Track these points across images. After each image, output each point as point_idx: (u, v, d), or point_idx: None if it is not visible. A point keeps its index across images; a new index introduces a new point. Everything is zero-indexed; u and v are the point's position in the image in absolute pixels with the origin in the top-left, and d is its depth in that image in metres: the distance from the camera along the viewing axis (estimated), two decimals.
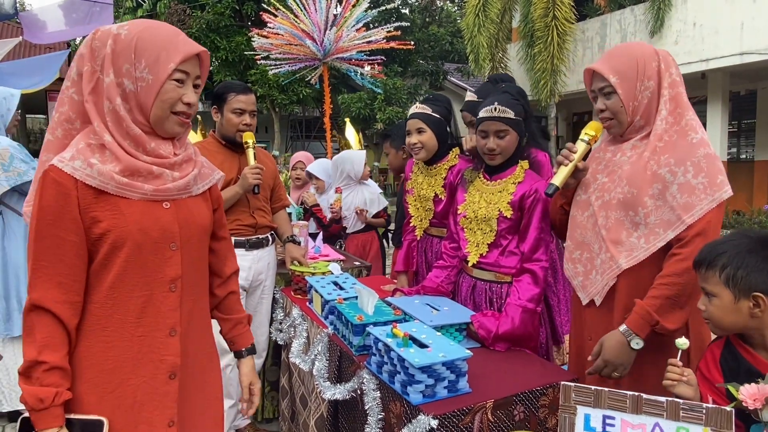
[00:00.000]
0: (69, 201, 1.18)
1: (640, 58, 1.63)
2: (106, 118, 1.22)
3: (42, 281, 1.17)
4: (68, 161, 1.18)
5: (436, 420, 1.46)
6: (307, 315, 2.37)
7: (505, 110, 1.95)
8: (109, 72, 1.21)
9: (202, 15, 13.72)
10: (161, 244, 1.26)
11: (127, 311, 1.24)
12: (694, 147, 1.55)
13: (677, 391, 1.29)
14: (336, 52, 5.48)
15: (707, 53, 9.80)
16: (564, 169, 1.72)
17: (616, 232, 1.65)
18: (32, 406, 1.14)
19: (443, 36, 16.62)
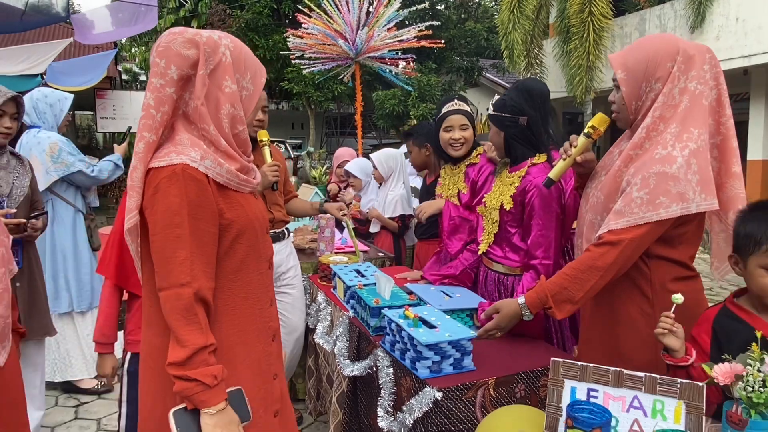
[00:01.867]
0: (208, 196, 1.27)
1: (653, 58, 1.56)
2: (221, 122, 1.30)
3: (199, 271, 1.24)
4: (200, 161, 1.26)
5: (440, 392, 1.61)
6: (331, 300, 2.54)
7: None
8: (233, 80, 1.31)
9: (241, 14, 14.08)
10: (262, 230, 1.44)
11: (249, 290, 1.39)
12: (653, 162, 1.51)
13: (665, 340, 1.41)
14: (368, 51, 5.64)
15: (750, 49, 9.53)
16: (562, 162, 1.75)
17: (590, 231, 1.71)
18: (208, 385, 1.21)
19: (480, 32, 16.58)
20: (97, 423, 3.00)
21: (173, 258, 1.23)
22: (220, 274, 1.33)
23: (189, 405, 1.24)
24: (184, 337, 1.21)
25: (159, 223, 1.24)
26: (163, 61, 1.27)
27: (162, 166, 1.25)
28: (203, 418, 1.23)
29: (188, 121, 1.32)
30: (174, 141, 1.30)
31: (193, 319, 1.23)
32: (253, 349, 1.40)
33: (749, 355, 1.25)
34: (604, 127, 1.74)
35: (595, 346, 1.69)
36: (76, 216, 3.31)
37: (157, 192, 1.24)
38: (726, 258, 1.69)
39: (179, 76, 1.28)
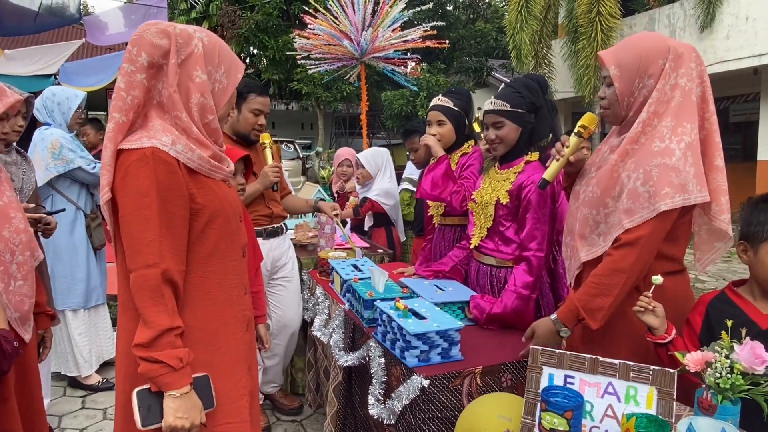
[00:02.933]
0: (178, 179, 1.30)
1: (646, 55, 1.60)
2: (191, 110, 1.34)
3: (166, 252, 1.26)
4: (170, 145, 1.30)
5: (427, 380, 1.66)
6: (329, 293, 2.60)
7: (501, 103, 2.11)
8: (203, 70, 1.35)
9: (251, 15, 14.21)
10: (235, 217, 1.47)
11: (222, 276, 1.42)
12: (653, 155, 1.54)
13: (644, 318, 1.47)
14: (372, 51, 5.70)
15: (760, 48, 9.46)
16: (555, 163, 1.79)
17: (582, 227, 1.73)
18: (173, 367, 1.23)
19: (489, 32, 16.58)
20: (103, 413, 3.08)
21: (141, 239, 1.26)
22: (193, 258, 1.36)
23: (153, 387, 1.26)
24: (150, 318, 1.24)
25: (128, 205, 1.27)
26: (135, 48, 1.32)
27: (133, 149, 1.28)
28: (166, 401, 1.25)
29: (162, 110, 1.36)
30: (147, 127, 1.34)
31: (160, 300, 1.25)
32: (227, 337, 1.43)
33: (719, 342, 1.30)
34: (594, 126, 1.77)
35: (590, 338, 1.73)
36: (76, 214, 3.30)
37: (126, 175, 1.28)
38: (707, 250, 1.74)
39: (149, 63, 1.32)
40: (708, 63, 10.00)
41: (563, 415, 1.22)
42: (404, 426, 1.75)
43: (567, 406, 1.23)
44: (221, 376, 1.40)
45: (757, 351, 1.24)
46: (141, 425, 1.26)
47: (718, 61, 9.86)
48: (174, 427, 1.26)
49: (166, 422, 1.25)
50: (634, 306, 1.48)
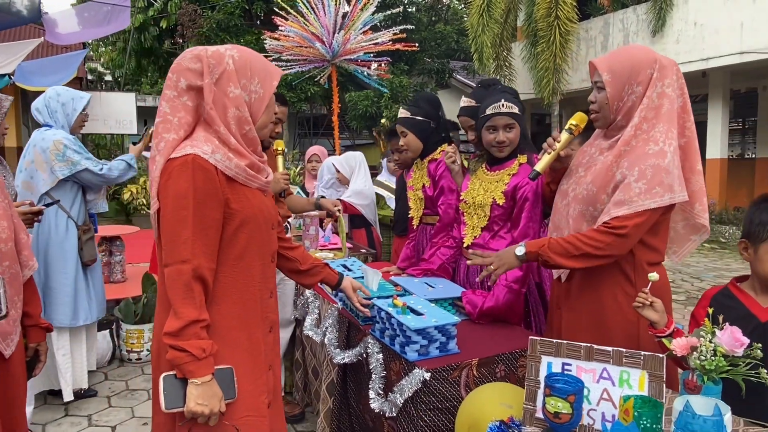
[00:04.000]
0: (215, 185, 1.40)
1: (636, 64, 1.72)
2: (229, 123, 1.44)
3: (198, 250, 1.36)
4: (210, 154, 1.40)
5: (428, 373, 1.75)
6: (319, 293, 2.66)
7: (511, 106, 2.22)
8: (236, 85, 1.44)
9: (212, 15, 14.02)
10: (267, 225, 1.55)
11: (250, 278, 1.50)
12: (648, 156, 1.67)
13: (644, 313, 1.59)
14: (344, 53, 5.76)
15: (708, 52, 9.99)
16: (547, 156, 1.91)
17: (578, 223, 1.86)
18: (196, 356, 1.32)
19: (450, 34, 16.84)
20: (87, 419, 3.05)
21: (177, 237, 1.36)
22: (223, 259, 1.45)
23: (178, 373, 1.36)
24: (179, 310, 1.33)
25: (169, 206, 1.38)
26: (174, 75, 1.46)
27: (176, 156, 1.40)
28: (189, 388, 1.35)
29: (207, 124, 1.47)
30: (191, 138, 1.45)
31: (190, 294, 1.34)
32: (251, 336, 1.51)
33: (702, 328, 1.43)
34: (584, 124, 1.91)
35: (582, 327, 1.84)
36: (68, 224, 3.12)
37: (169, 178, 1.39)
38: (684, 242, 1.91)
39: (187, 86, 1.45)
40: None
41: (566, 398, 1.32)
42: (405, 418, 1.83)
43: (570, 391, 1.33)
44: (242, 372, 1.47)
45: (737, 335, 1.37)
46: (164, 407, 1.35)
47: None
48: (194, 412, 1.34)
49: (188, 407, 1.34)
50: (633, 302, 1.60)
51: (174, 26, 14.80)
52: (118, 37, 15.84)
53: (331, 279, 1.97)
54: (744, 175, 11.70)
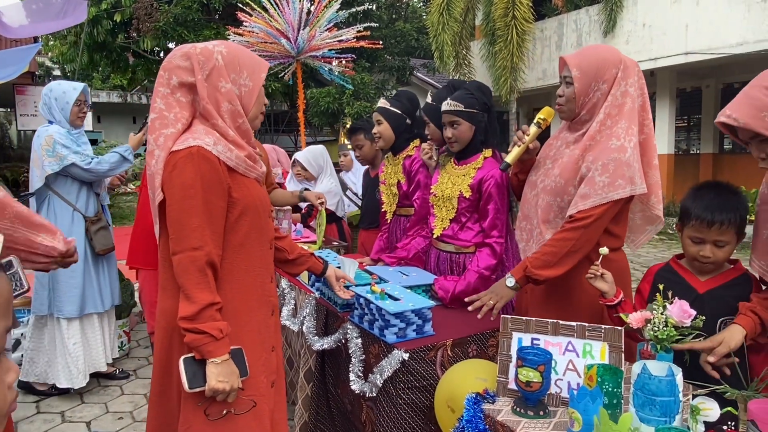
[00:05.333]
0: (219, 174, 1.47)
1: (602, 62, 1.84)
2: (224, 117, 1.51)
3: (207, 237, 1.43)
4: (212, 146, 1.47)
5: (407, 354, 1.86)
6: (295, 284, 2.73)
7: (456, 104, 2.34)
8: (227, 80, 1.51)
9: (169, 8, 13.73)
10: (264, 213, 1.63)
11: (251, 263, 1.58)
12: (610, 151, 1.80)
13: (596, 284, 1.74)
14: (309, 50, 5.81)
15: (655, 52, 10.46)
16: (516, 148, 2.02)
17: (546, 213, 1.99)
18: (215, 336, 1.40)
19: (409, 32, 16.98)
20: (60, 416, 3.03)
21: (187, 225, 1.42)
22: (226, 246, 1.53)
23: (197, 355, 1.43)
24: (194, 295, 1.40)
25: (175, 195, 1.44)
26: (166, 73, 1.52)
27: (180, 149, 1.46)
28: (209, 367, 1.42)
29: (203, 118, 1.54)
30: (191, 131, 1.51)
31: (203, 279, 1.42)
32: (254, 318, 1.60)
33: (655, 302, 1.59)
34: (551, 118, 2.04)
35: (550, 308, 1.98)
36: (74, 216, 3.17)
37: (174, 169, 1.45)
38: (641, 232, 2.08)
39: (179, 83, 1.51)
40: None
41: (537, 368, 1.46)
42: (385, 397, 1.93)
43: (540, 361, 1.46)
44: (245, 353, 1.54)
45: (684, 307, 1.53)
46: (188, 388, 1.41)
47: None
48: (216, 389, 1.42)
49: (209, 385, 1.42)
50: (586, 274, 1.75)
51: (128, 20, 14.42)
52: (70, 31, 15.31)
53: (316, 268, 2.06)
54: (689, 170, 12.31)
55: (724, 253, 1.69)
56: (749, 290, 1.70)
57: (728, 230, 1.66)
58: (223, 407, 1.48)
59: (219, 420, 1.48)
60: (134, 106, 19.59)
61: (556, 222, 1.97)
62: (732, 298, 1.68)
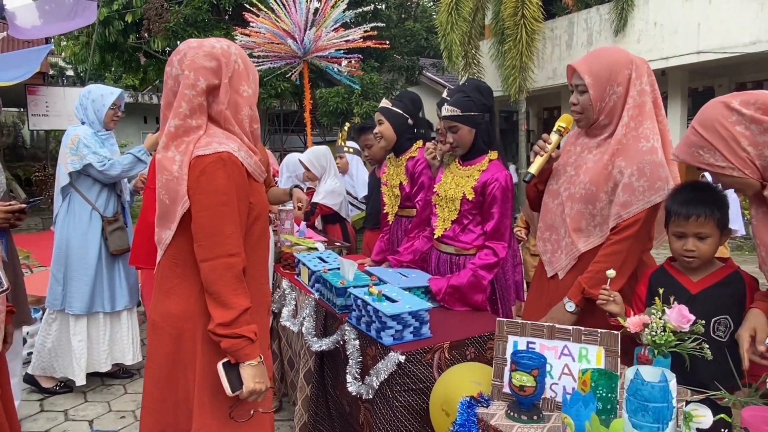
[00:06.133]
0: (245, 181, 1.48)
1: (614, 65, 1.85)
2: (242, 121, 1.51)
3: (240, 244, 1.45)
4: (237, 151, 1.46)
5: (403, 356, 1.85)
6: (296, 285, 2.73)
7: (453, 109, 2.32)
8: (248, 84, 1.50)
9: (179, 9, 13.81)
10: (267, 216, 1.64)
11: (259, 265, 1.60)
12: (643, 153, 1.81)
13: (607, 308, 1.74)
14: (315, 50, 5.81)
15: (667, 51, 10.35)
16: (539, 158, 1.99)
17: (577, 221, 1.97)
18: (252, 339, 1.43)
19: (419, 31, 16.95)
20: (64, 414, 3.06)
21: (221, 232, 1.41)
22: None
23: (232, 359, 1.43)
24: (231, 301, 1.40)
25: (207, 201, 1.41)
26: (192, 73, 1.46)
27: (207, 153, 1.42)
28: (245, 370, 1.43)
29: (217, 122, 1.50)
30: (210, 134, 1.47)
31: (240, 285, 1.43)
32: (261, 320, 1.61)
33: (654, 306, 1.56)
34: (571, 125, 2.03)
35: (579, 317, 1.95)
36: (92, 215, 3.24)
37: (203, 174, 1.41)
38: (661, 230, 2.06)
39: (207, 86, 1.47)
40: None
41: (530, 372, 1.44)
42: (381, 399, 1.92)
43: (533, 365, 1.45)
44: None
45: (683, 312, 1.51)
46: (230, 392, 1.43)
47: None
48: (254, 390, 1.45)
49: (248, 387, 1.44)
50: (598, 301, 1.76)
51: (140, 20, 14.51)
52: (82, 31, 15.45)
53: None
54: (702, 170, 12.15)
55: (707, 246, 1.69)
56: (742, 288, 1.69)
57: (707, 222, 1.67)
58: (250, 407, 1.50)
59: (243, 422, 1.51)
60: (145, 106, 19.73)
61: (588, 230, 1.95)
62: (725, 297, 1.68)
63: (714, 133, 1.48)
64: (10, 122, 19.51)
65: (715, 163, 1.50)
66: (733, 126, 1.46)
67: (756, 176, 1.47)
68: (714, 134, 1.48)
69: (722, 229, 1.70)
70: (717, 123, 1.48)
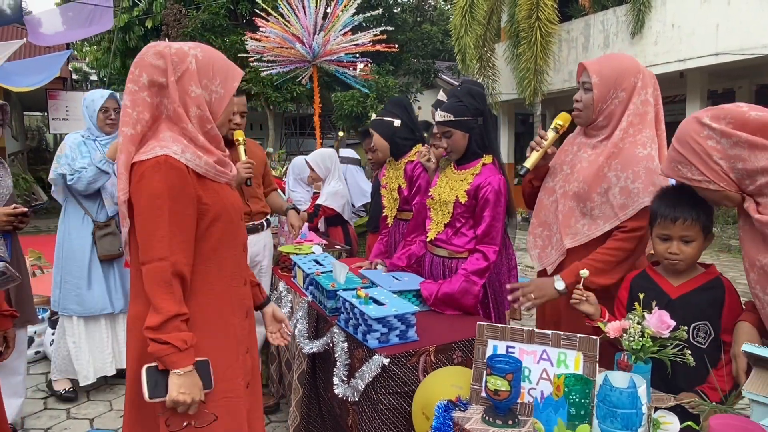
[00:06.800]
0: (187, 183, 1.47)
1: (622, 71, 1.91)
2: (193, 121, 1.51)
3: (175, 247, 1.43)
4: (181, 153, 1.46)
5: (387, 359, 1.85)
6: (291, 287, 2.75)
7: (446, 115, 2.32)
8: (198, 85, 1.51)
9: (198, 15, 14.01)
10: (237, 217, 1.63)
11: (224, 268, 1.57)
12: (639, 159, 1.87)
13: (581, 307, 1.75)
14: (324, 54, 5.85)
15: (684, 53, 10.18)
16: (535, 153, 2.04)
17: (568, 218, 2.01)
18: (179, 347, 1.39)
19: (435, 34, 16.96)
20: (66, 412, 3.12)
21: (154, 235, 1.42)
22: (198, 253, 1.52)
23: (161, 365, 1.42)
24: (159, 305, 1.40)
25: (143, 205, 1.44)
26: (137, 69, 1.50)
27: (147, 158, 1.45)
28: (171, 378, 1.41)
29: (172, 122, 1.52)
30: (158, 137, 1.50)
31: (169, 290, 1.41)
32: (228, 323, 1.60)
33: (633, 312, 1.55)
34: (568, 123, 2.07)
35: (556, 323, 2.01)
36: (84, 219, 3.26)
37: (142, 179, 1.45)
38: None
39: (149, 82, 1.49)
40: None
41: (505, 377, 1.43)
42: (367, 402, 1.93)
43: (507, 370, 1.44)
44: (220, 357, 1.56)
45: (664, 318, 1.49)
46: (148, 398, 1.41)
47: (648, 65, 10.53)
48: (177, 401, 1.41)
49: (170, 396, 1.41)
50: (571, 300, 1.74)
51: (159, 26, 14.77)
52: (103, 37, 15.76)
53: (256, 299, 1.90)
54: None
55: (692, 249, 1.68)
56: (722, 294, 1.68)
57: (693, 226, 1.67)
58: (183, 419, 1.47)
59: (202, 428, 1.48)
60: None
61: (576, 228, 2.00)
62: (704, 303, 1.67)
63: (688, 148, 1.53)
64: (34, 126, 20.00)
65: (692, 177, 1.54)
66: (705, 141, 1.50)
67: (733, 188, 1.50)
68: (688, 149, 1.53)
69: (706, 233, 1.69)
70: (690, 138, 1.52)
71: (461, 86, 2.53)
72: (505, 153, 14.69)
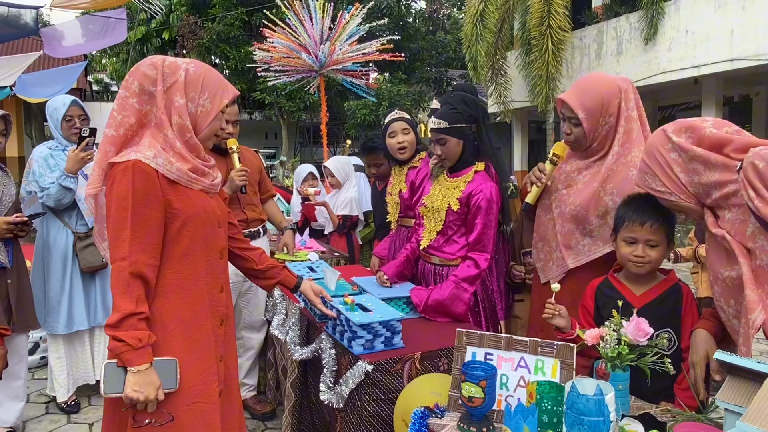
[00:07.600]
0: (155, 186, 1.51)
1: (606, 98, 1.92)
2: (174, 129, 1.57)
3: (136, 248, 1.47)
4: (152, 159, 1.52)
5: (371, 365, 1.85)
6: (286, 294, 2.77)
7: (439, 122, 2.33)
8: (183, 96, 1.57)
9: (212, 26, 14.25)
10: (212, 223, 1.66)
11: (196, 274, 1.60)
12: (631, 182, 1.86)
13: (553, 321, 1.74)
14: (331, 64, 5.91)
15: (699, 59, 10.06)
16: (535, 188, 2.11)
17: (568, 238, 2.05)
18: (132, 345, 1.42)
19: (449, 43, 17.01)
20: (66, 417, 3.16)
21: (119, 236, 1.48)
22: (168, 256, 1.56)
23: (119, 362, 1.46)
24: (118, 303, 1.45)
25: (112, 207, 1.50)
26: (131, 78, 1.59)
27: (120, 161, 1.52)
28: (127, 375, 1.45)
29: (157, 129, 1.58)
30: (138, 143, 1.57)
31: (127, 289, 1.45)
32: (200, 328, 1.62)
33: (611, 320, 1.53)
34: (565, 154, 2.10)
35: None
36: (64, 231, 3.08)
37: (113, 182, 1.51)
38: None
39: (140, 89, 1.57)
40: (652, 73, 10.56)
41: (479, 384, 1.42)
42: (351, 409, 1.93)
43: (481, 377, 1.43)
44: (192, 361, 1.58)
45: (641, 326, 1.48)
46: (103, 392, 1.46)
47: (662, 71, 10.43)
48: (130, 397, 1.45)
49: (124, 393, 1.45)
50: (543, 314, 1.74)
51: (176, 38, 15.05)
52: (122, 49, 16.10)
53: (288, 281, 2.02)
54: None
55: (656, 253, 1.71)
56: (680, 301, 1.71)
57: (659, 231, 1.70)
58: (145, 416, 1.50)
59: (159, 427, 1.51)
60: None
61: (578, 249, 2.04)
62: (665, 311, 1.71)
63: (653, 160, 1.57)
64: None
65: (656, 188, 1.59)
66: (668, 153, 1.54)
67: (692, 201, 1.54)
68: (653, 160, 1.57)
69: (668, 241, 1.73)
70: (656, 150, 1.57)
71: (454, 93, 2.53)
72: (518, 160, 14.63)
